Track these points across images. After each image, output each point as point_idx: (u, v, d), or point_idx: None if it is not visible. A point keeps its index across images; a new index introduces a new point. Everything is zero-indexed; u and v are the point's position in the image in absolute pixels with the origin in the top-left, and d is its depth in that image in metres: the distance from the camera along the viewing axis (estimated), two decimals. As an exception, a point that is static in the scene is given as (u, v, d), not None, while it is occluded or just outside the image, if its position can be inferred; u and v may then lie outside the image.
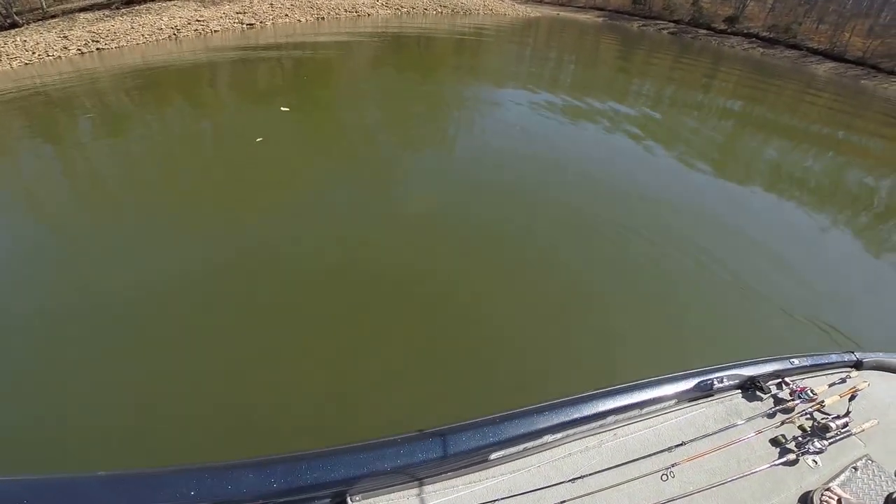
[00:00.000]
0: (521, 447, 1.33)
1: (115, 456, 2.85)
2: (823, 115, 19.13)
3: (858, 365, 1.98)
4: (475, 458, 1.27)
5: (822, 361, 1.92)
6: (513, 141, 9.43)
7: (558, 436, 1.39)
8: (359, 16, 26.32)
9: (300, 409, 3.38)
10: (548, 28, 36.23)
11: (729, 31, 41.72)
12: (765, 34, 40.59)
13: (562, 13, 48.64)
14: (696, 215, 7.33)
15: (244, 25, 22.12)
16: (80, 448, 2.93)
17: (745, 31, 41.45)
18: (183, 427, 3.12)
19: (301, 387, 3.56)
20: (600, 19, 47.56)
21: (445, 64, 18.85)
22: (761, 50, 39.11)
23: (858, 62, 37.36)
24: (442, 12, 31.78)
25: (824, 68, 36.83)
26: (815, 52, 38.62)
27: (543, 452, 1.38)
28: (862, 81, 35.50)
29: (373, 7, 27.96)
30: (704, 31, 41.93)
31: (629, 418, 1.53)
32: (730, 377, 1.70)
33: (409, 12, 29.46)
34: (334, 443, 1.19)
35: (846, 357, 1.99)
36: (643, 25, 44.63)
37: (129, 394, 3.33)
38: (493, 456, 1.29)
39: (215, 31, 20.54)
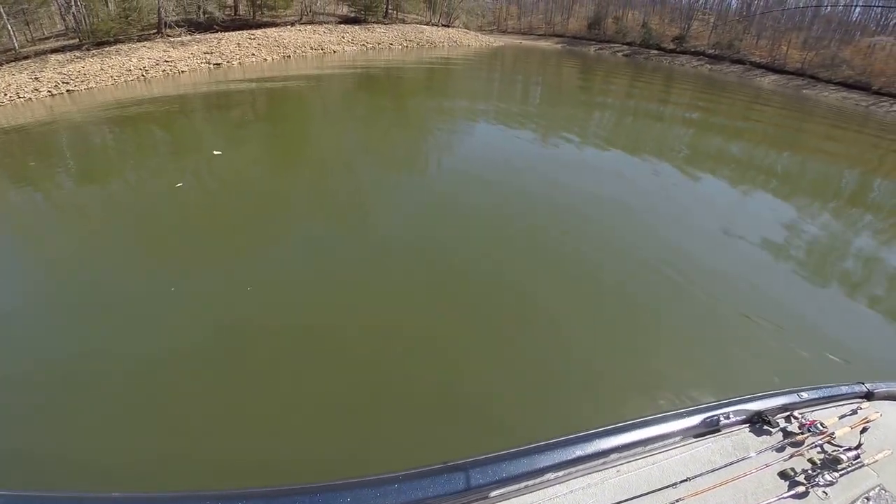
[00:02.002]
0: (522, 485, 1.32)
1: None
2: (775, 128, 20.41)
3: (870, 396, 1.93)
4: (475, 497, 1.26)
5: (832, 394, 1.88)
6: (493, 169, 9.54)
7: (560, 473, 1.37)
8: (325, 53, 26.98)
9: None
10: (513, 56, 37.80)
11: (678, 49, 44.44)
12: (710, 51, 43.39)
13: (524, 41, 50.95)
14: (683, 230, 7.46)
15: (211, 65, 22.45)
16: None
17: (693, 50, 44.21)
18: None
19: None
20: (559, 45, 49.98)
21: (417, 95, 19.45)
22: (709, 66, 41.71)
23: (798, 73, 40.16)
24: (408, 46, 32.90)
25: (768, 80, 39.45)
26: (758, 65, 41.39)
27: (544, 490, 1.36)
28: (804, 91, 38.11)
29: (339, 44, 28.75)
30: (655, 52, 44.58)
31: (633, 455, 1.50)
32: (736, 412, 1.68)
33: (374, 48, 30.38)
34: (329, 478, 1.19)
35: (856, 388, 1.94)
36: (599, 49, 47.13)
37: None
38: (493, 494, 1.28)
39: (183, 71, 20.77)
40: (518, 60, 35.94)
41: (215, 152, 9.92)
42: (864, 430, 1.66)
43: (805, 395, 1.82)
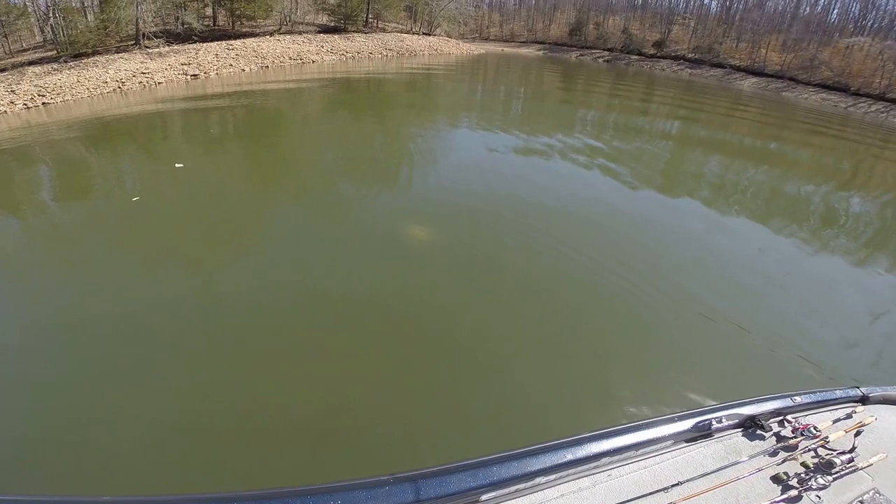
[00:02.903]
0: (512, 489, 1.32)
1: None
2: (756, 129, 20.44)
3: (864, 400, 1.94)
4: (465, 500, 1.26)
5: (826, 398, 1.88)
6: (481, 179, 9.37)
7: (551, 477, 1.37)
8: (304, 63, 26.75)
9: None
10: (494, 64, 37.89)
11: (658, 55, 44.85)
12: (691, 55, 43.83)
13: (506, 49, 51.22)
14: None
15: (188, 76, 22.19)
16: None
17: (673, 54, 44.65)
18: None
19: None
20: (541, 52, 50.30)
21: (398, 104, 19.20)
22: (689, 71, 42.10)
23: (777, 76, 40.67)
24: (387, 55, 32.75)
25: (748, 83, 39.87)
26: (738, 69, 41.86)
27: (535, 493, 1.36)
28: (783, 93, 38.54)
29: (318, 53, 28.53)
30: (636, 57, 44.95)
31: (625, 459, 1.50)
32: (729, 417, 1.68)
33: (354, 57, 30.19)
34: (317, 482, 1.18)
35: (851, 392, 1.95)
36: (580, 55, 47.44)
37: None
38: (484, 497, 1.29)
39: (160, 82, 20.50)
40: (499, 68, 36.02)
41: (177, 165, 9.61)
42: (858, 434, 1.66)
43: (799, 399, 1.81)
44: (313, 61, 27.46)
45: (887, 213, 11.00)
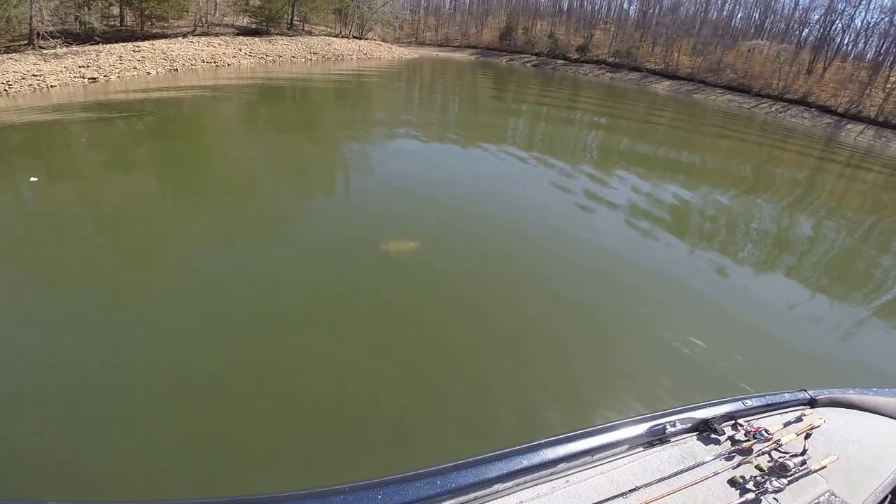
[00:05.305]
0: (471, 496, 1.32)
1: None
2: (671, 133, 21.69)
3: (812, 403, 1.99)
4: None
5: (776, 401, 1.92)
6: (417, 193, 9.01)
7: (509, 484, 1.37)
8: (218, 66, 25.51)
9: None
10: (430, 68, 37.97)
11: (581, 59, 46.86)
12: (611, 60, 46.13)
13: (440, 53, 51.62)
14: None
15: (86, 80, 20.52)
16: None
17: (595, 59, 46.82)
18: None
19: None
20: (474, 57, 51.13)
21: (327, 113, 18.56)
22: (610, 75, 44.28)
23: (689, 78, 43.61)
24: (312, 59, 31.95)
25: (663, 86, 42.47)
26: (654, 72, 44.51)
27: (495, 501, 1.36)
28: (694, 96, 41.36)
29: (234, 57, 27.33)
30: (561, 62, 46.75)
31: (582, 464, 1.51)
32: (682, 420, 1.70)
33: (275, 61, 29.19)
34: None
35: (799, 395, 1.99)
36: (511, 60, 48.69)
37: None
38: None
39: (52, 86, 18.80)
40: (435, 72, 36.18)
41: (32, 179, 8.68)
42: (808, 437, 1.70)
43: (749, 402, 1.85)
44: (229, 65, 26.23)
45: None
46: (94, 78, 21.07)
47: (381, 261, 6.20)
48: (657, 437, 1.67)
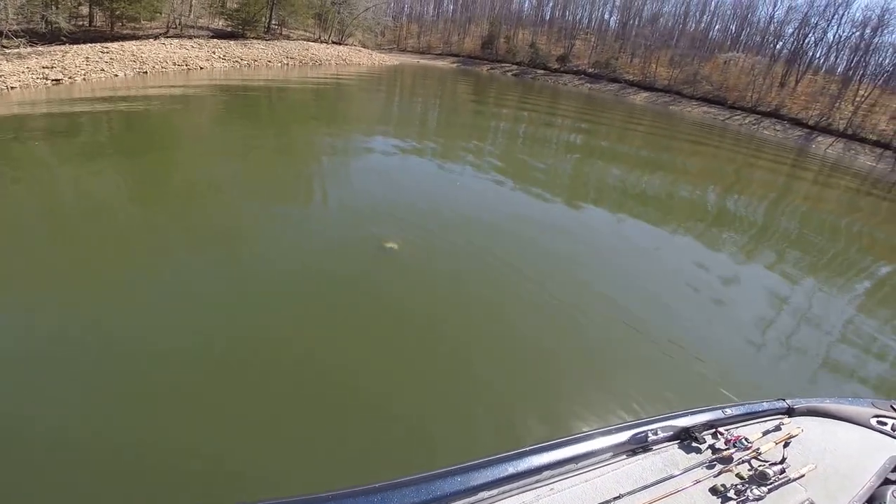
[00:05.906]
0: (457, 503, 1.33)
1: None
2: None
3: (790, 412, 2.03)
4: None
5: (755, 410, 1.96)
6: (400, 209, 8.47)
7: (493, 492, 1.38)
8: (190, 69, 24.85)
9: None
10: (411, 75, 37.71)
11: (561, 69, 47.31)
12: (591, 70, 46.67)
13: (421, 60, 51.57)
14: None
15: (49, 81, 19.70)
16: None
17: (575, 69, 47.31)
18: None
19: None
20: (455, 65, 51.23)
21: (302, 121, 17.96)
22: (589, 85, 44.76)
23: (666, 90, 44.34)
24: (289, 64, 31.38)
25: (640, 98, 43.08)
26: (632, 83, 45.15)
27: None
28: (670, 107, 42.03)
29: (207, 60, 26.68)
30: (542, 71, 47.12)
31: (565, 472, 1.51)
32: (664, 429, 1.72)
33: (249, 65, 28.57)
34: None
35: (778, 404, 2.03)
36: (491, 69, 48.88)
37: None
38: None
39: (13, 87, 17.97)
40: (415, 81, 35.90)
41: None
42: (786, 445, 1.74)
43: (729, 411, 1.88)
44: (201, 68, 25.56)
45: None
46: (58, 80, 20.26)
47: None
48: (640, 445, 1.68)
